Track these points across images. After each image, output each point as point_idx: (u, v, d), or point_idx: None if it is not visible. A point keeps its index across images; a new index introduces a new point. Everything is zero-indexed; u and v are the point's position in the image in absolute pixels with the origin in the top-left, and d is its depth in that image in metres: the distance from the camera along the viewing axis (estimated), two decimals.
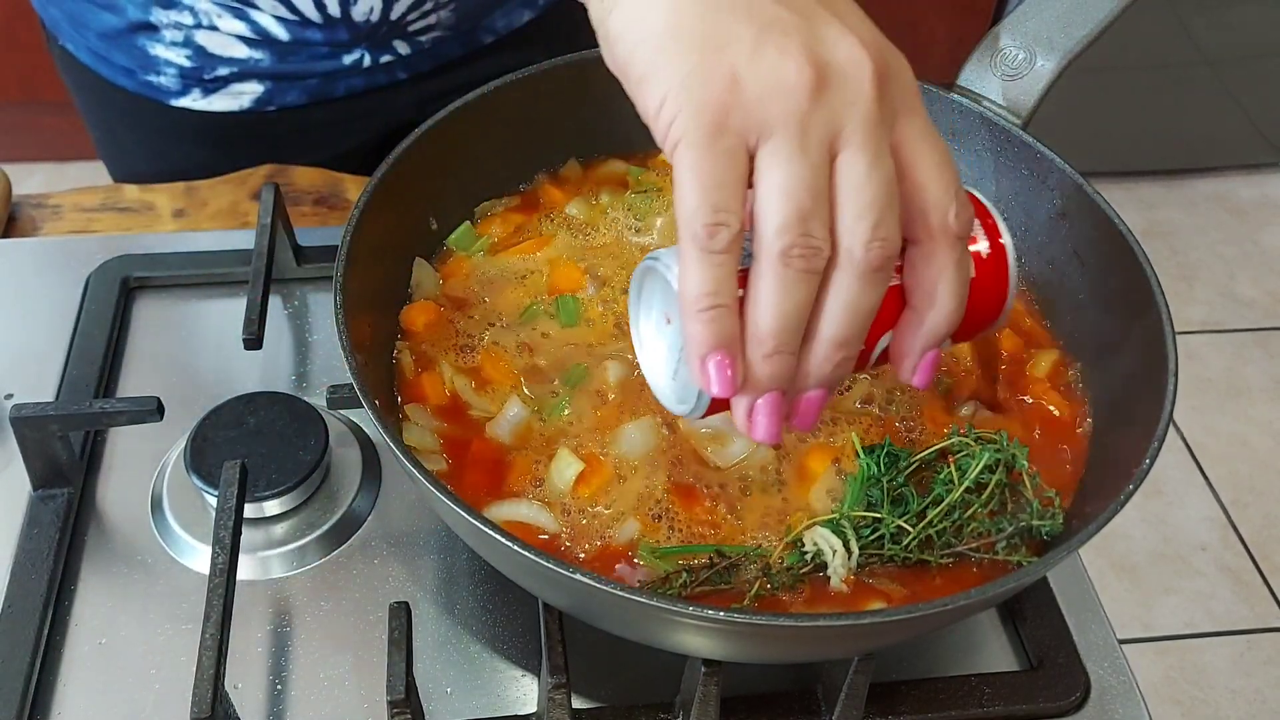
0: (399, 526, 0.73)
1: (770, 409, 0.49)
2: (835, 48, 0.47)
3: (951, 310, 0.50)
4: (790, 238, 0.46)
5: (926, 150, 0.49)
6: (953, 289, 0.50)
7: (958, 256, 0.50)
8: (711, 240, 0.46)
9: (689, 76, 0.46)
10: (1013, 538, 0.63)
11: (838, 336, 0.48)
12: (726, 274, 0.46)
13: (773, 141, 0.46)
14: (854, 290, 0.47)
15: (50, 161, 2.43)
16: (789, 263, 0.46)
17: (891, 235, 0.47)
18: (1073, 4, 0.74)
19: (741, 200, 0.46)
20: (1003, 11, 2.43)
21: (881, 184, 0.47)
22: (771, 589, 0.61)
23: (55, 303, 0.85)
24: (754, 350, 0.48)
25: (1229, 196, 2.68)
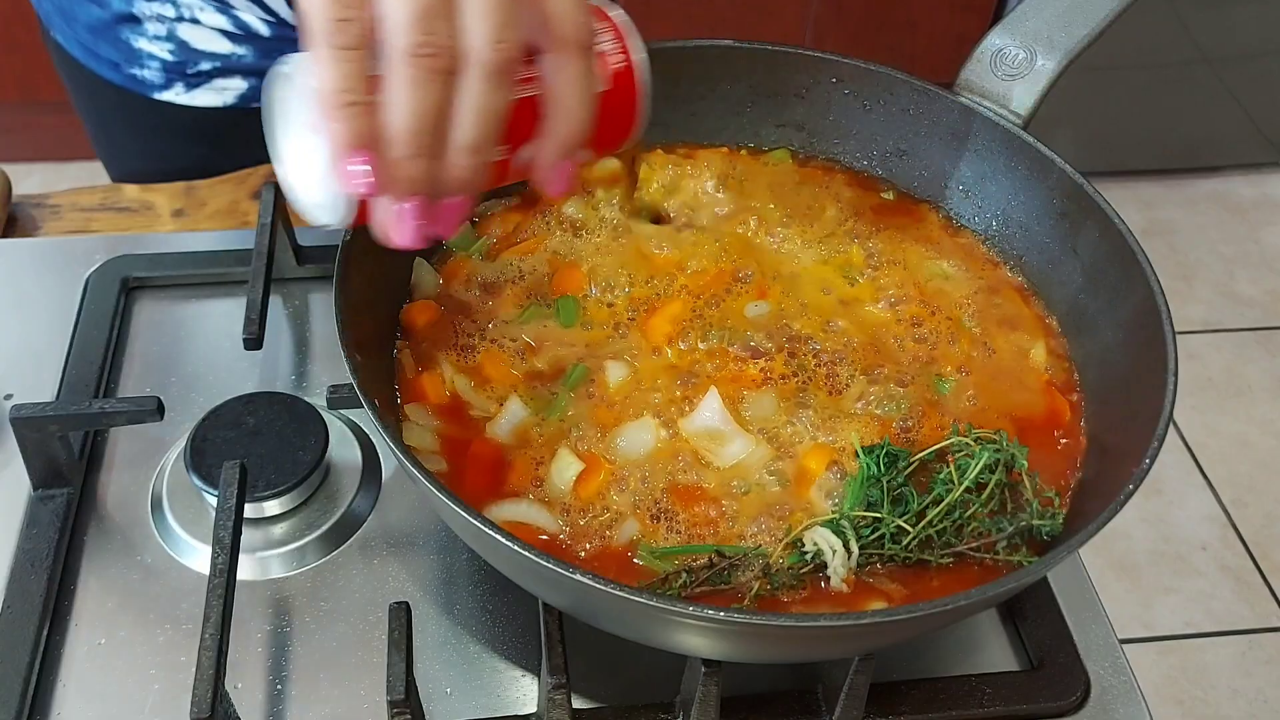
0: (399, 526, 0.73)
1: (412, 213, 0.51)
2: None
3: (578, 118, 0.52)
4: (415, 35, 0.47)
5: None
6: (578, 97, 0.52)
7: (584, 65, 0.52)
8: (338, 34, 0.47)
9: None
10: (1013, 538, 0.63)
11: (470, 140, 0.49)
12: (357, 70, 0.47)
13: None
14: (481, 92, 0.48)
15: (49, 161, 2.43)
16: (415, 61, 0.47)
17: (515, 38, 0.48)
18: (1073, 4, 0.74)
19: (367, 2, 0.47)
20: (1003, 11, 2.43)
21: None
22: (771, 589, 0.61)
23: (55, 303, 0.85)
24: (392, 151, 0.49)
25: (1229, 196, 2.68)
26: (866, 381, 0.69)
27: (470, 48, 0.48)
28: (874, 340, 0.72)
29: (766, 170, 0.82)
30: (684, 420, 0.67)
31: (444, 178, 0.50)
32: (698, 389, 0.68)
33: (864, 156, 0.82)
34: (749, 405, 0.68)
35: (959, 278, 0.76)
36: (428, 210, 0.51)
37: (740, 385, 0.69)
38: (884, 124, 0.81)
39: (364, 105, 0.48)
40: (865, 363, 0.70)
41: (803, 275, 0.75)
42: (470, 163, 0.50)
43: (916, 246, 0.77)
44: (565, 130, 0.53)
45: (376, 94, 0.48)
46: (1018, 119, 0.74)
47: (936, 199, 0.81)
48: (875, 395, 0.69)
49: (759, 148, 0.84)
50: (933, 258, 0.77)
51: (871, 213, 0.79)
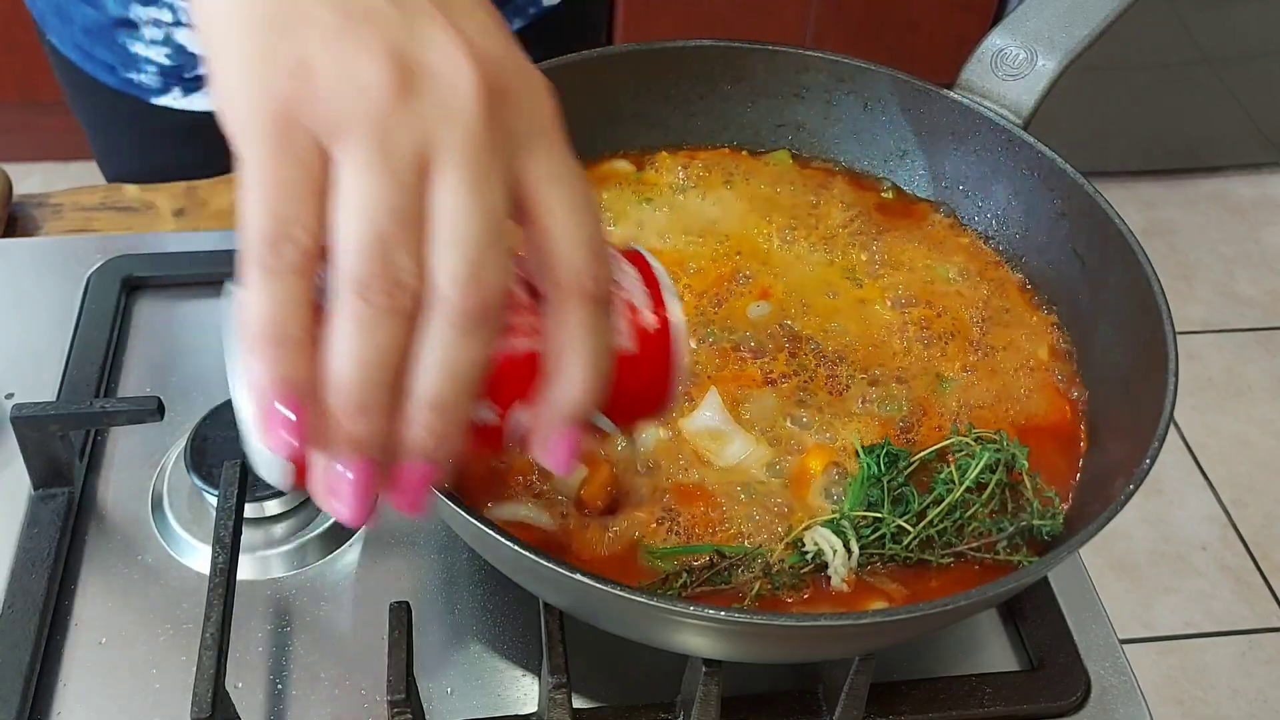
0: (399, 526, 0.73)
1: (357, 480, 0.41)
2: (432, 49, 0.40)
3: (581, 383, 0.43)
4: (368, 266, 0.38)
5: (559, 192, 0.42)
6: (583, 358, 0.42)
7: (592, 320, 0.42)
8: (275, 257, 0.38)
9: (252, 60, 0.39)
10: (1013, 538, 0.63)
11: (433, 397, 0.40)
12: (294, 299, 0.39)
13: (348, 147, 0.39)
14: (448, 341, 0.39)
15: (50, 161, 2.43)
16: (367, 297, 0.38)
17: (493, 279, 0.39)
18: (1073, 4, 0.74)
19: (315, 213, 0.39)
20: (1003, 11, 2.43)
21: (484, 216, 0.39)
22: (772, 589, 0.61)
23: (55, 303, 0.85)
24: (332, 404, 0.39)
25: (1229, 196, 2.68)
26: (867, 381, 0.69)
27: (437, 287, 0.39)
28: (875, 340, 0.72)
29: (767, 170, 0.82)
30: (684, 420, 0.67)
31: (401, 438, 0.41)
32: (698, 388, 0.68)
33: (864, 156, 0.82)
34: (749, 405, 0.68)
35: (959, 278, 0.76)
36: (378, 478, 0.41)
37: (741, 385, 0.69)
38: (884, 124, 0.81)
39: (297, 343, 0.39)
40: (866, 363, 0.70)
41: (804, 275, 0.75)
42: (432, 423, 0.40)
43: (916, 247, 0.77)
44: (564, 396, 0.43)
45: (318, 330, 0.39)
46: (1018, 119, 0.74)
47: (936, 199, 0.81)
48: (876, 395, 0.69)
49: (759, 148, 0.84)
50: (933, 258, 0.77)
51: (872, 213, 0.80)
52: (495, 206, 0.40)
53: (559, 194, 0.42)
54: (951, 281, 0.76)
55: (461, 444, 0.42)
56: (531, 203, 0.41)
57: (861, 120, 0.81)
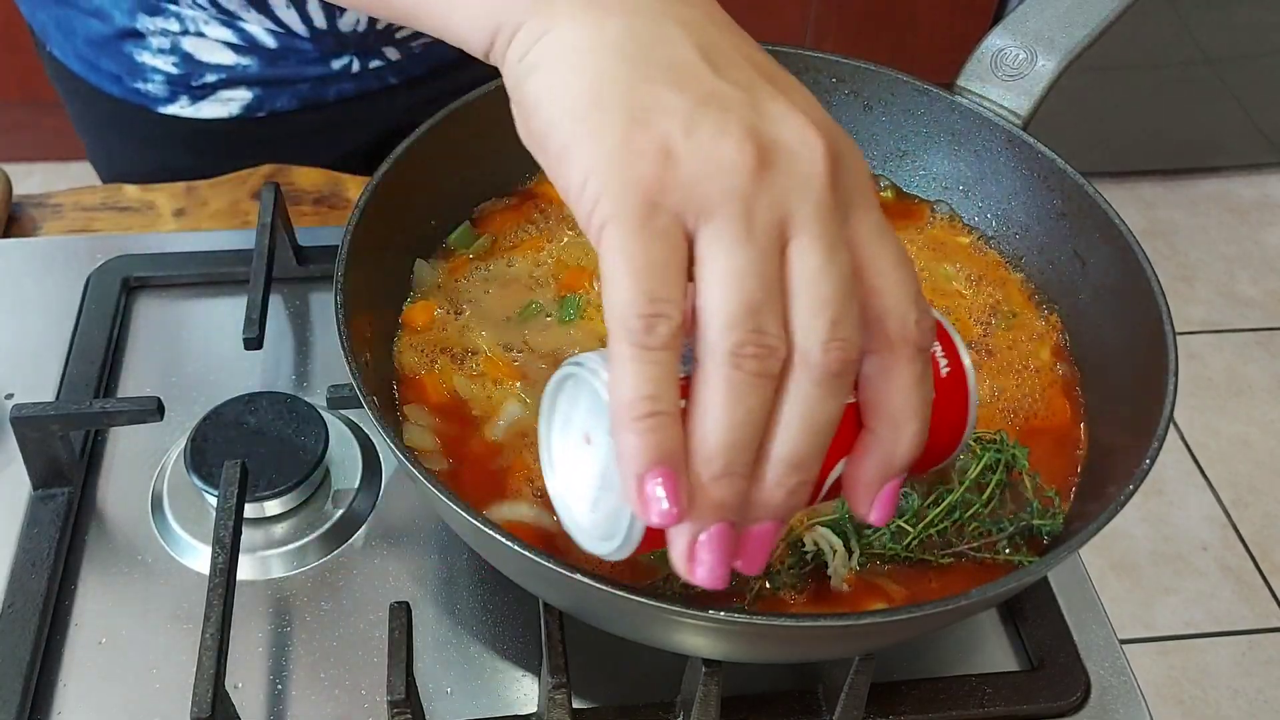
0: (399, 526, 0.73)
1: (717, 544, 0.42)
2: (781, 125, 0.42)
3: (915, 432, 0.44)
4: (740, 333, 0.40)
5: (883, 249, 0.44)
6: (915, 407, 0.44)
7: (919, 371, 0.44)
8: (649, 334, 0.40)
9: (616, 150, 0.41)
10: (1013, 537, 0.63)
11: (794, 456, 0.41)
12: (667, 374, 0.40)
13: (714, 224, 0.40)
14: (811, 399, 0.41)
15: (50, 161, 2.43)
16: (739, 363, 0.40)
17: (852, 336, 0.41)
18: (1073, 4, 0.74)
19: (682, 290, 0.41)
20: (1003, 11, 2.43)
21: (840, 278, 0.41)
22: (772, 589, 0.61)
23: (55, 303, 0.85)
24: (700, 470, 0.41)
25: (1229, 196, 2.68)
26: None
27: (802, 349, 0.40)
28: None
29: None
30: None
31: (757, 500, 0.42)
32: None
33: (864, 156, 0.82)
34: None
35: (959, 278, 0.76)
36: (732, 539, 0.43)
37: None
38: (884, 124, 0.81)
39: (673, 417, 0.40)
40: None
41: None
42: (792, 482, 0.42)
43: (916, 247, 0.77)
44: (896, 446, 0.44)
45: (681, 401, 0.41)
46: (1018, 119, 0.74)
47: (936, 199, 0.81)
48: None
49: None
50: (933, 258, 0.77)
51: None
52: (848, 268, 0.42)
53: (883, 250, 0.43)
54: (951, 281, 0.76)
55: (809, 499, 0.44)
56: (862, 263, 0.43)
57: (861, 120, 0.81)
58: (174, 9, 0.92)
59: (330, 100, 1.00)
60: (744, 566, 0.45)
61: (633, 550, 0.45)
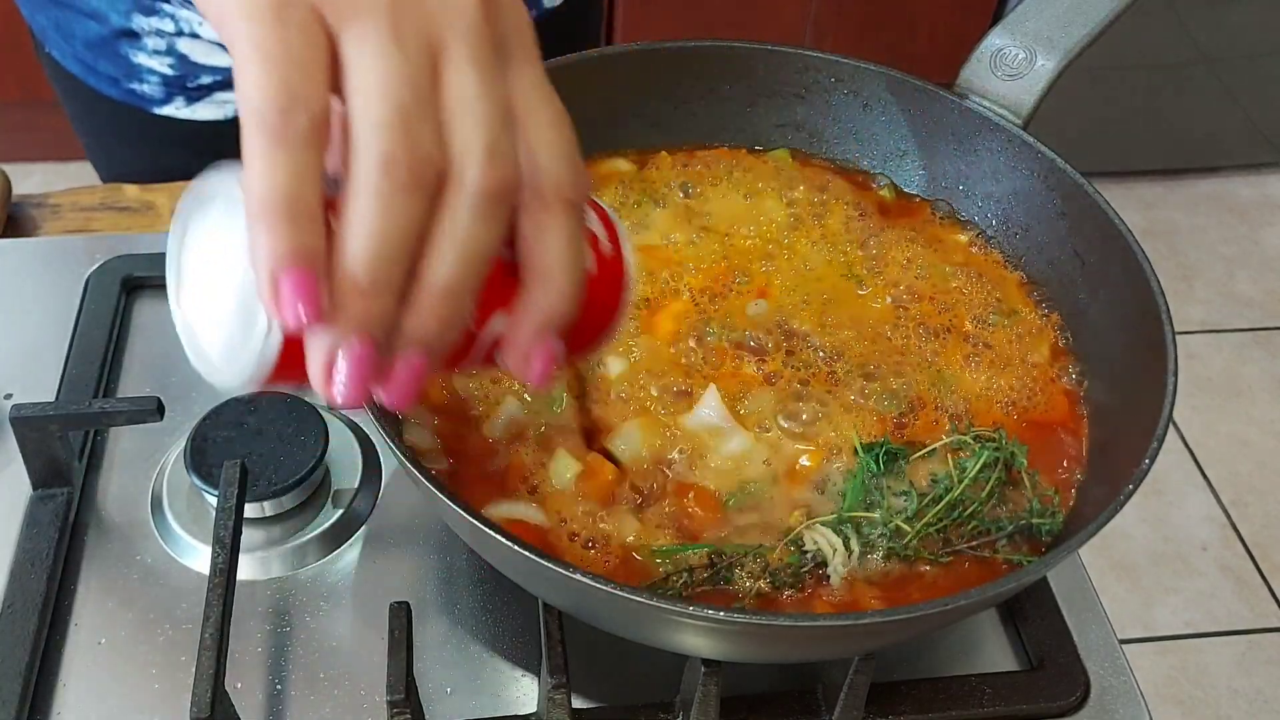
0: (399, 526, 0.73)
1: (357, 361, 0.40)
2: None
3: (565, 288, 0.43)
4: (390, 139, 0.38)
5: (542, 105, 0.42)
6: (566, 264, 0.43)
7: (572, 228, 0.43)
8: (286, 125, 0.37)
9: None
10: (1013, 536, 0.63)
11: (447, 282, 0.40)
12: (306, 171, 0.38)
13: (357, 27, 0.38)
14: (466, 224, 0.40)
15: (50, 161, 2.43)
16: (388, 170, 0.38)
17: (509, 161, 0.40)
18: (1073, 4, 0.74)
19: (323, 86, 0.38)
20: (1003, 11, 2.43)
21: (497, 105, 0.40)
22: (772, 589, 0.61)
23: (55, 303, 0.85)
24: (344, 281, 0.39)
25: (1229, 196, 2.68)
26: (865, 379, 0.69)
27: (460, 169, 0.39)
28: (873, 338, 0.72)
29: (767, 169, 0.82)
30: (684, 417, 0.67)
31: (408, 326, 0.40)
32: (698, 386, 0.68)
33: (864, 156, 0.82)
34: (748, 402, 0.68)
35: (959, 277, 0.76)
36: (376, 365, 0.40)
37: (739, 382, 0.69)
38: (884, 124, 0.81)
39: (312, 215, 0.38)
40: (865, 361, 0.70)
41: (803, 274, 0.75)
42: (443, 311, 0.40)
43: (916, 246, 0.77)
44: (548, 301, 0.43)
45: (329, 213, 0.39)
46: (1018, 119, 0.74)
47: (936, 199, 0.81)
48: (874, 393, 0.69)
49: (759, 148, 0.84)
50: (933, 257, 0.77)
51: (871, 212, 0.79)
52: (502, 100, 0.41)
53: (542, 106, 0.43)
54: (951, 281, 0.76)
55: (456, 340, 0.43)
56: (519, 112, 0.42)
57: (861, 120, 0.81)
58: (168, 9, 0.92)
59: None
60: (388, 398, 0.42)
61: (267, 373, 0.42)
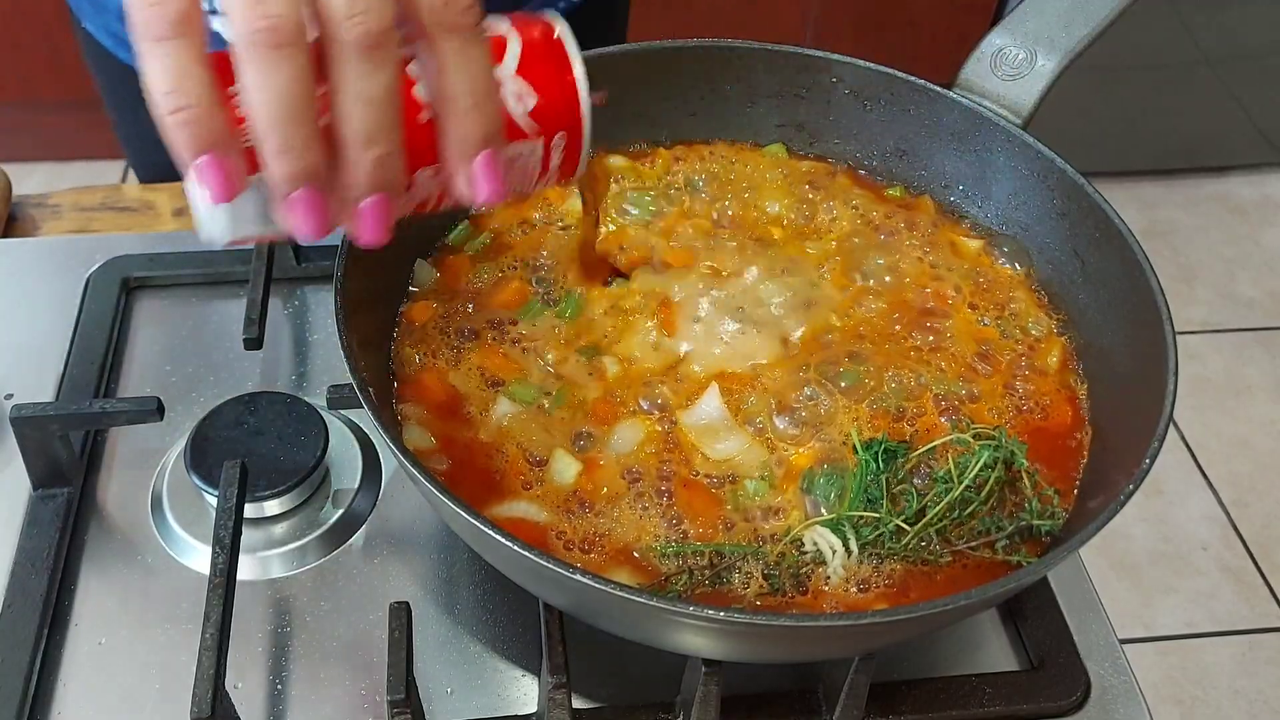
0: (399, 526, 0.73)
1: (302, 207, 0.45)
2: None
3: (474, 111, 0.45)
4: (248, 10, 0.41)
5: None
6: (465, 89, 0.45)
7: (463, 49, 0.45)
8: (152, 24, 0.42)
9: None
10: (1013, 536, 0.63)
11: (360, 131, 0.44)
12: (181, 64, 0.42)
13: None
14: (354, 75, 0.43)
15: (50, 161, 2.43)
16: (254, 38, 0.41)
17: (374, 8, 0.42)
18: (1073, 4, 0.74)
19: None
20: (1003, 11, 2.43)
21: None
22: (772, 589, 0.61)
23: (55, 303, 0.85)
24: (260, 147, 0.43)
25: (1229, 196, 2.68)
26: (866, 377, 0.69)
27: (331, 28, 0.42)
28: (874, 337, 0.72)
29: (767, 168, 0.82)
30: (683, 413, 0.67)
31: (350, 180, 0.45)
32: (698, 385, 0.68)
33: (864, 156, 0.82)
34: (748, 400, 0.67)
35: (959, 277, 0.76)
36: (325, 206, 0.45)
37: (739, 380, 0.69)
38: (884, 124, 0.81)
39: (196, 105, 0.42)
40: (865, 359, 0.70)
41: (803, 273, 0.75)
42: (371, 155, 0.44)
43: (916, 246, 0.77)
44: (464, 128, 0.46)
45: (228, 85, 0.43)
46: (1018, 119, 0.74)
47: (937, 199, 0.81)
48: (874, 391, 0.69)
49: (759, 147, 0.84)
50: (933, 257, 0.77)
51: (872, 212, 0.79)
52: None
53: None
54: (951, 280, 0.76)
55: (404, 170, 0.46)
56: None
57: (862, 120, 0.81)
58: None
59: None
60: (365, 237, 0.47)
61: (243, 229, 0.48)
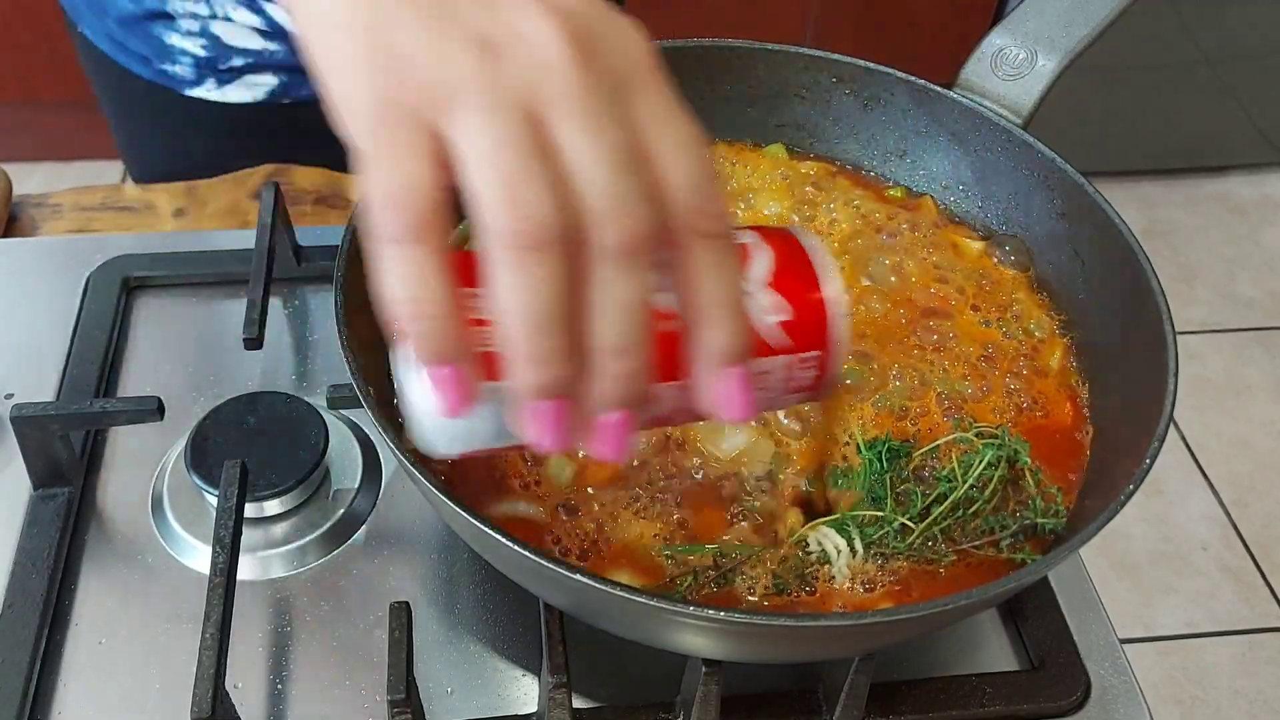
0: (399, 526, 0.73)
1: (548, 419, 0.42)
2: (510, 19, 0.41)
3: (725, 317, 0.43)
4: (503, 211, 0.39)
5: (667, 131, 0.42)
6: (714, 299, 0.42)
7: (718, 259, 0.42)
8: (395, 228, 0.40)
9: (356, 62, 0.41)
10: (1017, 534, 0.63)
11: (609, 341, 0.41)
12: (422, 269, 0.40)
13: (456, 114, 0.40)
14: (610, 281, 0.40)
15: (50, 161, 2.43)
16: (509, 243, 0.39)
17: (637, 210, 0.40)
18: (1073, 3, 0.74)
19: (427, 180, 0.40)
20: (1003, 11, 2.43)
21: (611, 152, 0.40)
22: (775, 589, 0.61)
23: (55, 303, 0.85)
24: (511, 356, 0.41)
25: (1229, 196, 2.68)
26: (868, 376, 0.69)
27: (589, 229, 0.40)
28: (875, 336, 0.72)
29: (766, 168, 0.82)
30: None
31: (595, 391, 0.42)
32: None
33: (864, 156, 0.82)
34: None
35: (961, 278, 0.76)
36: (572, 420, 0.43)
37: None
38: (884, 124, 0.81)
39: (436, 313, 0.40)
40: (867, 358, 0.70)
41: None
42: (616, 369, 0.41)
43: (917, 245, 0.77)
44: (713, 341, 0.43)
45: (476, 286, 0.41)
46: (1018, 119, 0.74)
47: (937, 198, 0.81)
48: (876, 390, 0.69)
49: (759, 147, 0.84)
50: (933, 257, 0.77)
51: (872, 212, 0.79)
52: (620, 143, 0.40)
53: (668, 132, 0.42)
54: (951, 280, 0.76)
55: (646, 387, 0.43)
56: (644, 143, 0.41)
57: (862, 120, 0.81)
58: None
59: None
60: (603, 453, 0.44)
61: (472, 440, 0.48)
